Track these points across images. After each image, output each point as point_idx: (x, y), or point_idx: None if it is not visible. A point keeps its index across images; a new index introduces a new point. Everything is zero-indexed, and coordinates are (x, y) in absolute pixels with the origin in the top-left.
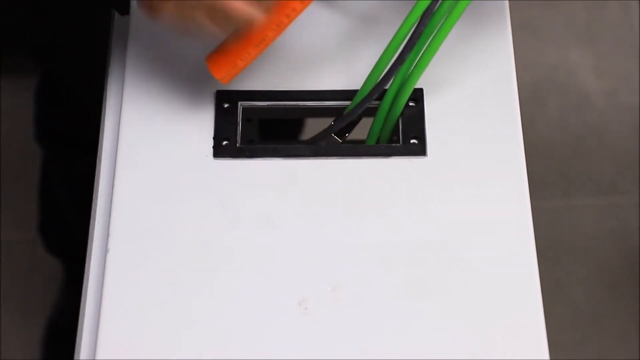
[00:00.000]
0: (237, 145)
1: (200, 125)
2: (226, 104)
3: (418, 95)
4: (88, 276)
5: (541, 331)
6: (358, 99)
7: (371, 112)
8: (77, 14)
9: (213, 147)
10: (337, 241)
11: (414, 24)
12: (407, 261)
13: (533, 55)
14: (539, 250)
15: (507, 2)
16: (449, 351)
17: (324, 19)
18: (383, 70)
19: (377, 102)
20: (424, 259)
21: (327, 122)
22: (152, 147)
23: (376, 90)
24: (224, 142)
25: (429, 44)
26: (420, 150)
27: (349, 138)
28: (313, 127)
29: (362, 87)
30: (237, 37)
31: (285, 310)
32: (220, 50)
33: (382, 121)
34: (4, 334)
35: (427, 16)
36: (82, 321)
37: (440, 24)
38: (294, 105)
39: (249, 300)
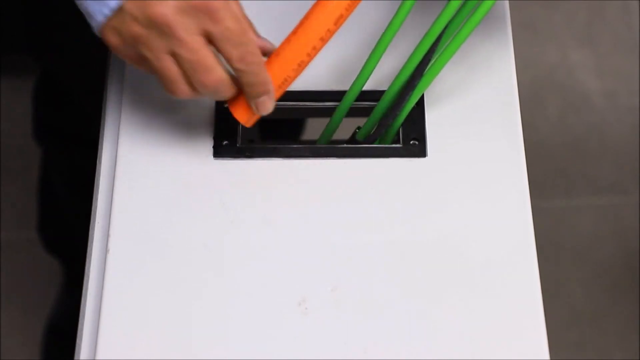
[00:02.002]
0: (237, 145)
1: (200, 125)
2: (226, 104)
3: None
4: (88, 276)
5: (541, 331)
6: (387, 98)
7: (360, 112)
8: (76, 12)
9: (213, 147)
10: (337, 241)
11: (443, 27)
12: (407, 262)
13: (533, 55)
14: (539, 251)
15: (507, 2)
16: (449, 351)
17: None
18: (412, 70)
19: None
20: (423, 259)
21: (327, 122)
22: (152, 148)
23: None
24: (224, 142)
25: (444, 48)
26: (420, 151)
27: (348, 138)
28: (313, 127)
29: (391, 86)
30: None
31: (285, 310)
32: (240, 97)
33: (376, 121)
34: (4, 334)
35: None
36: (82, 321)
37: (457, 30)
38: (294, 105)
39: (249, 300)
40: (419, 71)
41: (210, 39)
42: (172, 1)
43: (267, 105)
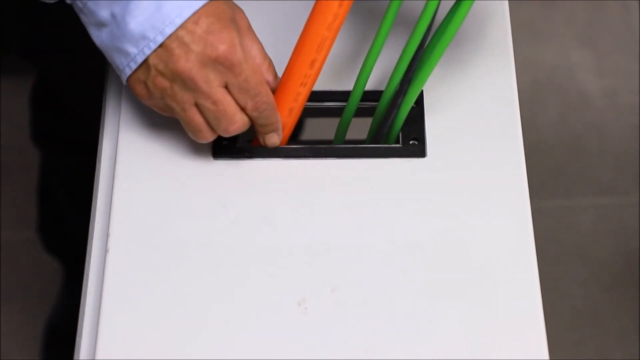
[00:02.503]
0: (237, 145)
1: None
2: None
3: (418, 97)
4: (88, 276)
5: (541, 331)
6: (384, 103)
7: (366, 112)
8: (71, 17)
9: (213, 148)
10: (337, 241)
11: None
12: (407, 262)
13: (533, 55)
14: (539, 250)
15: (507, 2)
16: (449, 351)
17: None
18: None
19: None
20: (423, 259)
21: (327, 122)
22: (151, 147)
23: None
24: (224, 142)
25: (430, 54)
26: (419, 151)
27: (348, 138)
28: (313, 127)
29: (385, 92)
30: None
31: (285, 310)
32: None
33: (380, 121)
34: (4, 334)
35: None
36: (82, 321)
37: (441, 34)
38: None
39: (248, 300)
40: (406, 77)
41: (228, 89)
42: (194, 55)
43: (274, 140)
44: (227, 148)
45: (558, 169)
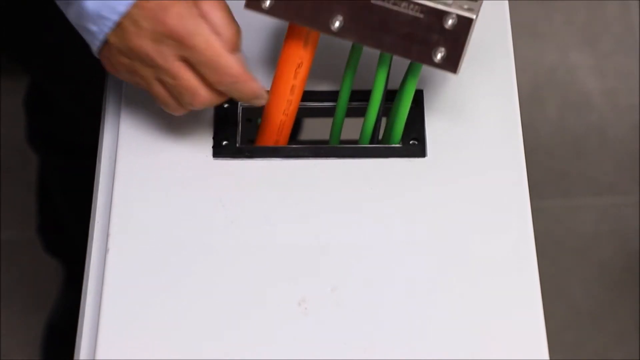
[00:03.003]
0: (237, 145)
1: (200, 125)
2: (226, 104)
3: (418, 97)
4: (88, 276)
5: (541, 331)
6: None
7: (358, 112)
8: (63, 21)
9: (213, 147)
10: (337, 241)
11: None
12: (407, 262)
13: (533, 55)
14: (539, 250)
15: (507, 2)
16: (449, 351)
17: None
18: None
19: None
20: (423, 259)
21: (327, 122)
22: (151, 147)
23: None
24: (224, 142)
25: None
26: (420, 151)
27: (349, 138)
28: (312, 127)
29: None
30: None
31: (285, 310)
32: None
33: (373, 123)
34: (4, 334)
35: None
36: (82, 321)
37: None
38: None
39: (249, 300)
40: (378, 121)
41: (188, 63)
42: (145, 31)
43: (261, 102)
44: (227, 148)
45: (558, 169)
